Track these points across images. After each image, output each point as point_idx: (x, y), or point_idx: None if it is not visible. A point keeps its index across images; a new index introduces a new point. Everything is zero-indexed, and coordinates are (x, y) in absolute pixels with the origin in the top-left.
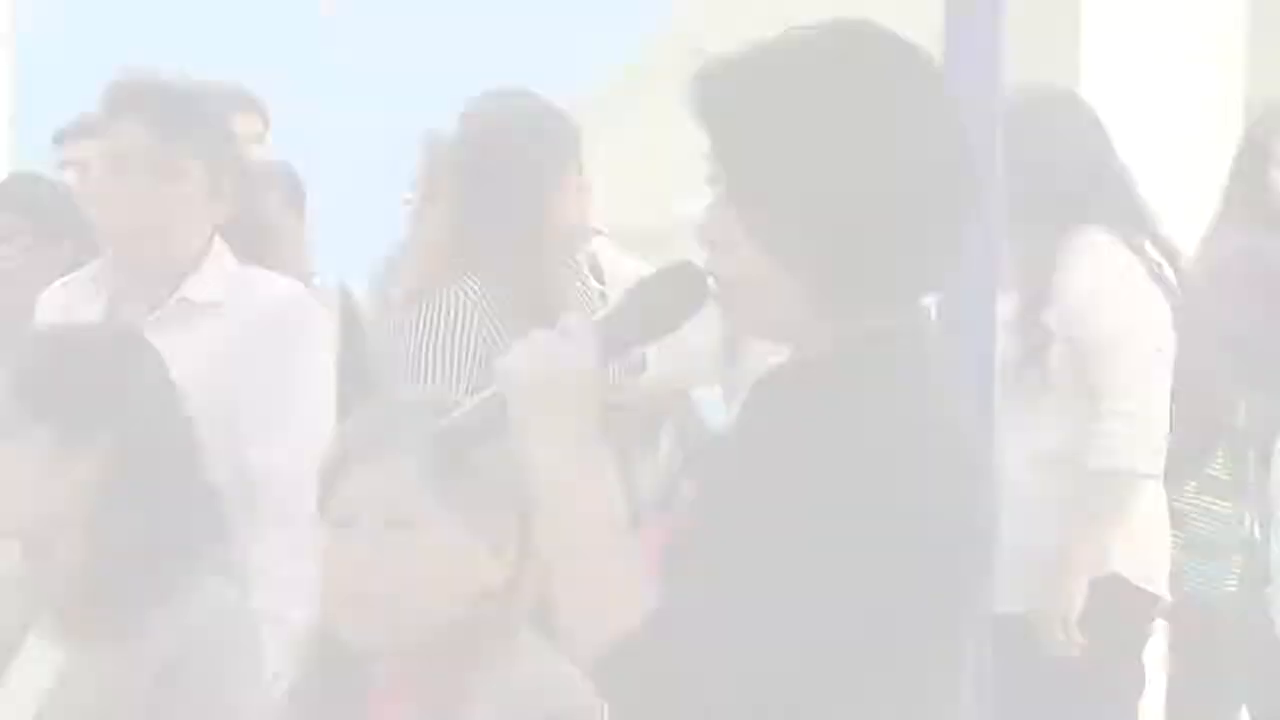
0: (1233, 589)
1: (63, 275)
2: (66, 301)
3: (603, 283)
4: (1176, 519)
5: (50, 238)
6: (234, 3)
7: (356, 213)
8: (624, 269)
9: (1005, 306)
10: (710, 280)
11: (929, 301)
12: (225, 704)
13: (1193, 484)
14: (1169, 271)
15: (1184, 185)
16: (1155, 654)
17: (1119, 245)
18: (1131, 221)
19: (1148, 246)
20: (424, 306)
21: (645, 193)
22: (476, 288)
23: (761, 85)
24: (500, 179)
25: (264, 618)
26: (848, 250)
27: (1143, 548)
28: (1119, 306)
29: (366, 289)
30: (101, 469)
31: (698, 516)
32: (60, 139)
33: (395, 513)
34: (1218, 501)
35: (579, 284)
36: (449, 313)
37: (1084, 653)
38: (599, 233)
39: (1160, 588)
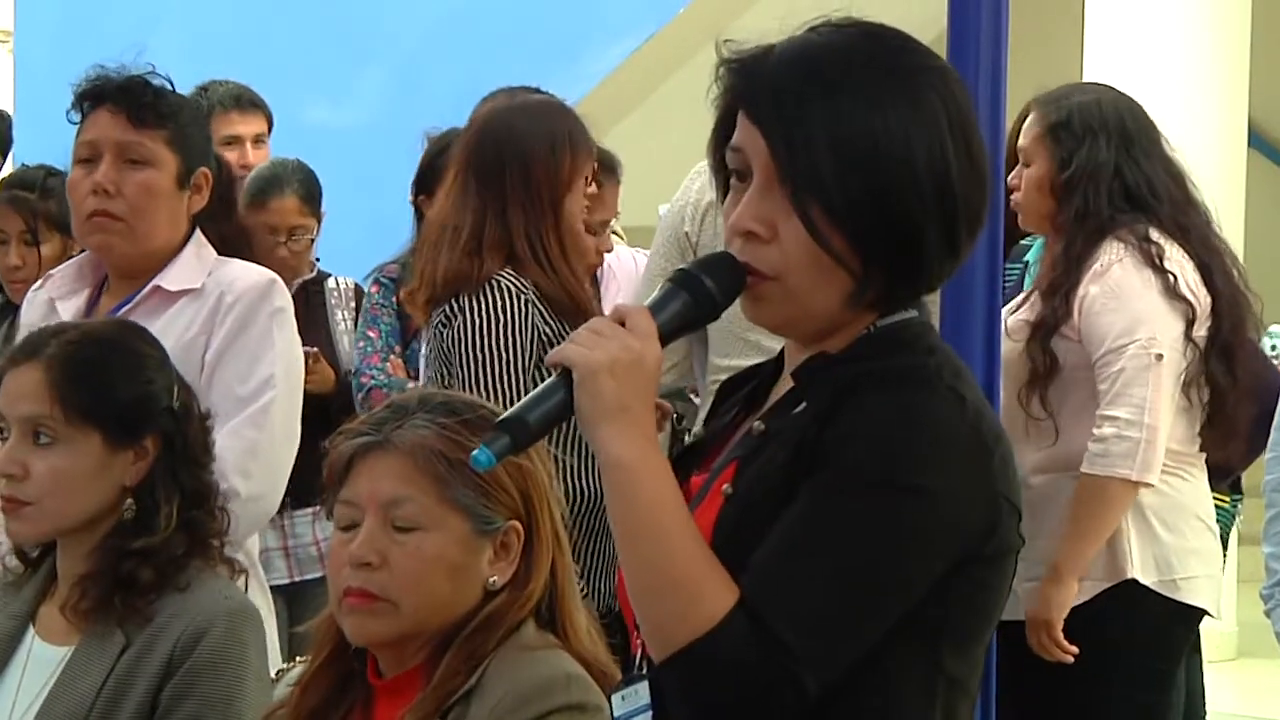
0: None
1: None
2: (51, 295)
3: (599, 295)
4: None
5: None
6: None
7: (359, 213)
8: (622, 274)
9: (1027, 310)
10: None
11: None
12: (230, 695)
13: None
14: (1189, 280)
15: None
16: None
17: (1130, 254)
18: (1156, 228)
19: (1170, 257)
20: (472, 296)
21: (642, 193)
22: (517, 278)
23: (813, 73)
24: (520, 173)
25: None
26: (901, 245)
27: (1170, 554)
28: (1117, 314)
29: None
30: (142, 467)
31: (749, 502)
32: None
33: (399, 515)
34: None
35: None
36: (500, 301)
37: (1102, 660)
38: (614, 233)
39: (1198, 598)
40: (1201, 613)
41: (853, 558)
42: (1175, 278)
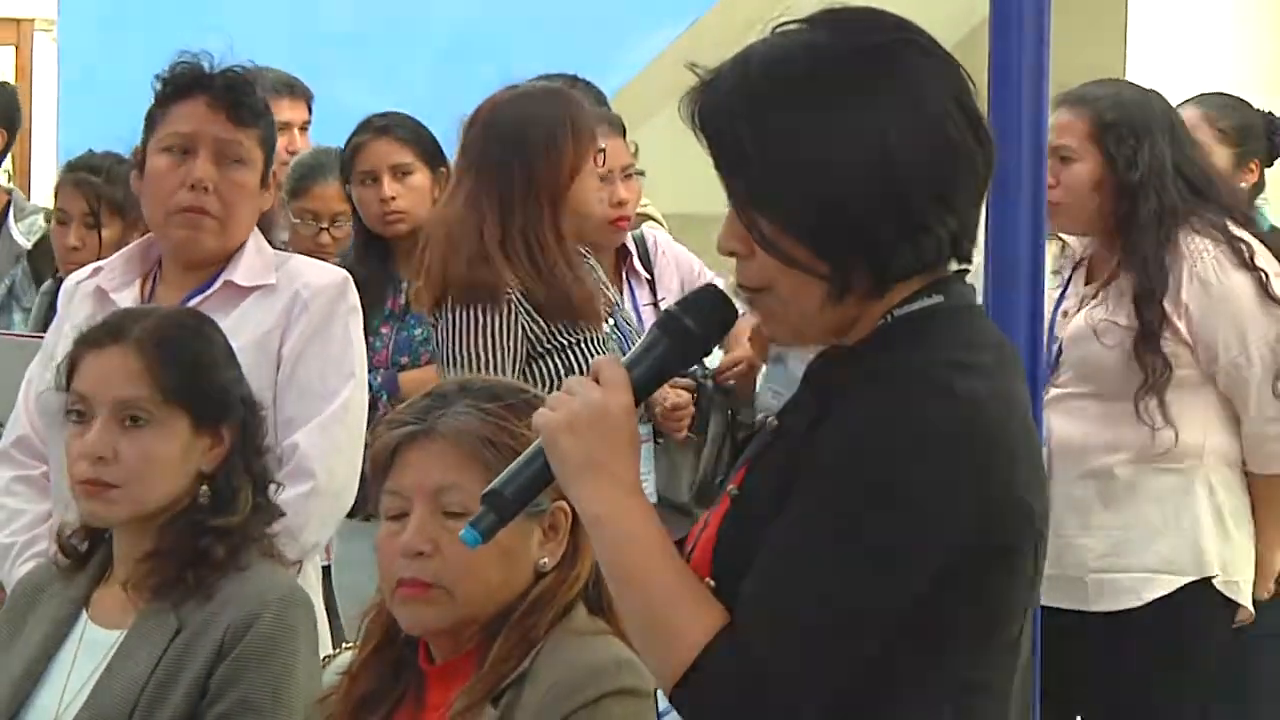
0: None
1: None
2: (103, 286)
3: (650, 269)
4: None
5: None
6: None
7: None
8: (673, 254)
9: (1116, 303)
10: (739, 293)
11: (970, 279)
12: (279, 683)
13: None
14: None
15: None
16: None
17: (1222, 252)
18: (1231, 221)
19: (1258, 253)
20: (456, 302)
21: (683, 180)
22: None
23: (744, 91)
24: (522, 172)
25: None
26: (854, 241)
27: (1234, 555)
28: (1228, 319)
29: None
30: (219, 453)
31: (751, 503)
32: None
33: (448, 502)
34: None
35: (602, 275)
36: (480, 309)
37: (1176, 656)
38: (651, 218)
39: (1246, 599)
40: (1240, 610)
41: (832, 576)
42: (1267, 276)
